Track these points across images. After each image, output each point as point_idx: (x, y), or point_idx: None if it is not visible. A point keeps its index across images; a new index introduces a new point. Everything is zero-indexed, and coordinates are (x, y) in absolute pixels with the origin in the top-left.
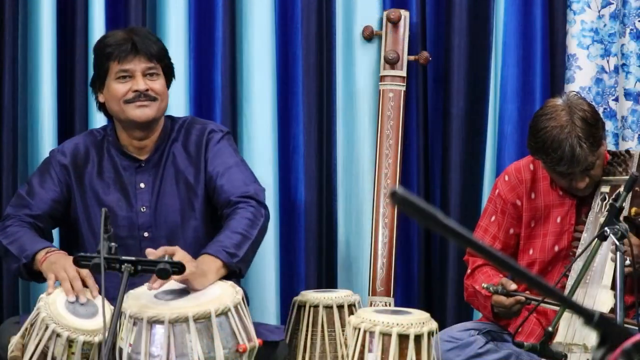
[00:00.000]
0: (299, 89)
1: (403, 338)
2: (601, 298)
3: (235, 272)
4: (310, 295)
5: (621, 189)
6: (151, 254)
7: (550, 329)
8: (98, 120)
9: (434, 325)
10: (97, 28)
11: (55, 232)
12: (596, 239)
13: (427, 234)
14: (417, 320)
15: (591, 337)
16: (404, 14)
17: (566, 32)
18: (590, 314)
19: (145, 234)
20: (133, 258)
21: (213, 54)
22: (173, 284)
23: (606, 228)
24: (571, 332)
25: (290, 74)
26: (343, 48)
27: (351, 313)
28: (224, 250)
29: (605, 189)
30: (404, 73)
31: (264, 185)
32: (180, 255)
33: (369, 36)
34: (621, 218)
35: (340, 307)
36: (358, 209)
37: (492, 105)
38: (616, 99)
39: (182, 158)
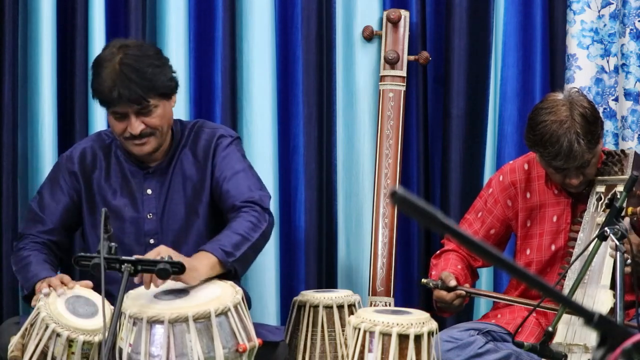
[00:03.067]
0: (299, 89)
1: (403, 338)
2: (600, 298)
3: (231, 271)
4: (310, 295)
5: (617, 189)
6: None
7: (550, 329)
8: (98, 120)
9: (434, 325)
10: (97, 28)
11: None
12: (596, 239)
13: (427, 234)
14: (417, 320)
15: (591, 337)
16: (404, 14)
17: (566, 32)
18: (590, 314)
19: (151, 241)
20: (133, 258)
21: (213, 54)
22: (171, 283)
23: (606, 228)
24: (571, 332)
25: (290, 74)
26: (343, 48)
27: (351, 313)
28: (221, 248)
29: (600, 188)
30: (404, 73)
31: (264, 184)
32: (164, 251)
33: (369, 36)
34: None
35: (340, 307)
36: (358, 209)
37: (492, 105)
38: (616, 99)
39: (190, 164)
